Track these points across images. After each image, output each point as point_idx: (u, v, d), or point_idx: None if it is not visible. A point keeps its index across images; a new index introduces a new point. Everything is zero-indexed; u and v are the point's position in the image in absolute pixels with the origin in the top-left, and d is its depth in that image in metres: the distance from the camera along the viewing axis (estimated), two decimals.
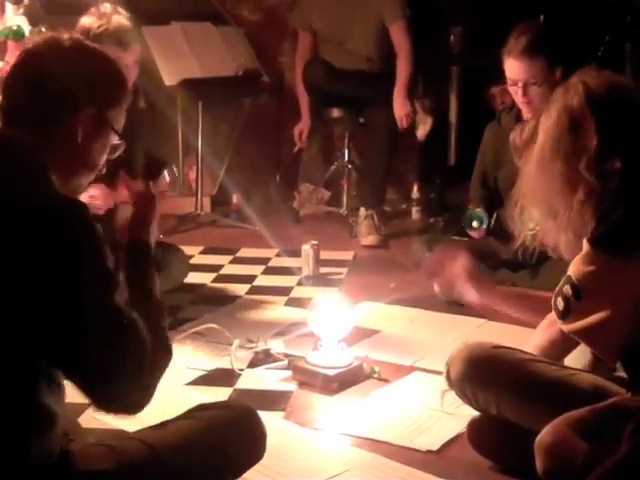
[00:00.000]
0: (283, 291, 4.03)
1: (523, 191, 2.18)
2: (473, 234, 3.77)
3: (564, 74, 3.59)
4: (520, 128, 2.31)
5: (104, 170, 1.90)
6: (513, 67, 3.58)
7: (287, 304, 3.85)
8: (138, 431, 1.90)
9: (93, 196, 3.28)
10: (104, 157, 1.86)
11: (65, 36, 1.84)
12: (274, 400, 2.82)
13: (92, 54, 1.85)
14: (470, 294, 2.51)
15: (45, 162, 1.72)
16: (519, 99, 3.61)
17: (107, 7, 3.51)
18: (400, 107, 5.03)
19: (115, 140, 1.86)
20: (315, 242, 4.20)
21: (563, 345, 2.29)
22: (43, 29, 4.14)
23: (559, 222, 2.05)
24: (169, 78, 5.17)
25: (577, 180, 2.01)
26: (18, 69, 1.82)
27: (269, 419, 2.21)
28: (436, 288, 3.88)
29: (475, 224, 3.70)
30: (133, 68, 3.43)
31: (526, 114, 3.65)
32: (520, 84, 3.55)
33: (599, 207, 1.97)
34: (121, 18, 3.48)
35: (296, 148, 5.66)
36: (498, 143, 3.85)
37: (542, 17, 4.07)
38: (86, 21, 3.44)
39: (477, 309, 2.71)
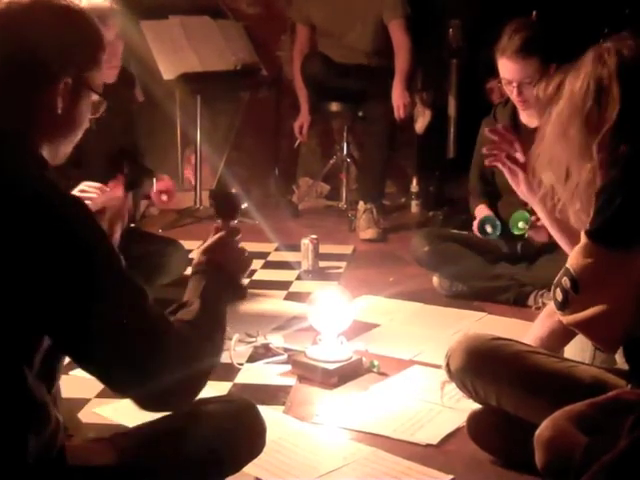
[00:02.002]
0: (282, 285, 4.03)
1: (537, 152, 2.15)
2: (486, 239, 3.75)
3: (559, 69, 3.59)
4: (545, 82, 2.26)
5: (89, 126, 1.85)
6: (507, 68, 3.55)
7: (286, 298, 3.85)
8: (138, 426, 1.89)
9: (83, 190, 3.27)
10: (87, 118, 1.77)
11: None
12: (274, 394, 2.81)
13: (64, 15, 1.71)
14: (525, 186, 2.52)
15: (31, 144, 1.66)
16: (514, 98, 3.60)
17: None
18: (398, 96, 5.02)
19: (96, 98, 1.78)
20: (314, 236, 4.20)
21: (562, 336, 2.30)
22: None
23: (569, 186, 2.03)
24: (167, 72, 5.17)
25: (590, 151, 1.98)
26: None
27: (269, 413, 2.22)
28: (435, 281, 3.89)
29: (488, 229, 3.68)
30: (117, 43, 3.36)
31: (522, 111, 3.65)
32: (514, 84, 3.54)
33: (599, 194, 1.96)
34: None
35: (297, 142, 5.66)
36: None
37: (535, 13, 4.04)
38: None
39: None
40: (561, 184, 2.07)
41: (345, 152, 5.52)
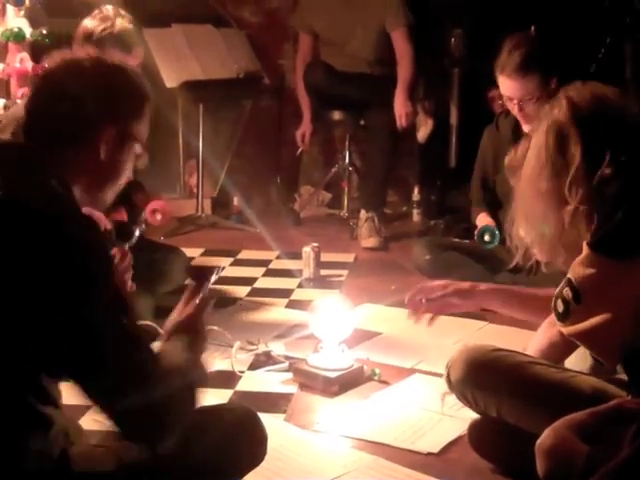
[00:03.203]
0: (284, 293, 4.03)
1: (516, 210, 2.20)
2: (485, 248, 3.75)
3: (561, 82, 3.60)
4: (514, 149, 2.33)
5: (131, 177, 1.92)
6: (507, 86, 3.55)
7: (288, 306, 3.85)
8: None
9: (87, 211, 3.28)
10: (129, 168, 1.88)
11: (84, 56, 1.85)
12: (275, 402, 2.82)
13: (110, 71, 1.85)
14: (462, 304, 2.55)
15: (68, 177, 1.74)
16: (516, 113, 3.60)
17: (110, 10, 3.48)
18: (401, 105, 5.03)
19: (140, 150, 1.88)
20: (316, 244, 4.20)
21: (564, 347, 2.29)
22: (44, 31, 4.14)
23: (551, 239, 2.07)
24: (170, 80, 5.17)
25: (564, 196, 2.03)
26: (38, 94, 1.83)
27: (270, 421, 2.22)
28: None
29: (487, 238, 3.69)
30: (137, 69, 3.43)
31: (525, 126, 3.64)
32: (515, 101, 3.54)
33: (594, 215, 1.98)
34: (125, 21, 3.46)
35: (299, 151, 5.67)
36: (496, 147, 3.85)
37: (533, 28, 4.04)
38: (89, 24, 3.42)
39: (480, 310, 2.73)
40: (539, 241, 2.12)
41: (347, 161, 5.53)
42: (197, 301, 2.02)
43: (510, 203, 3.84)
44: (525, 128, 3.66)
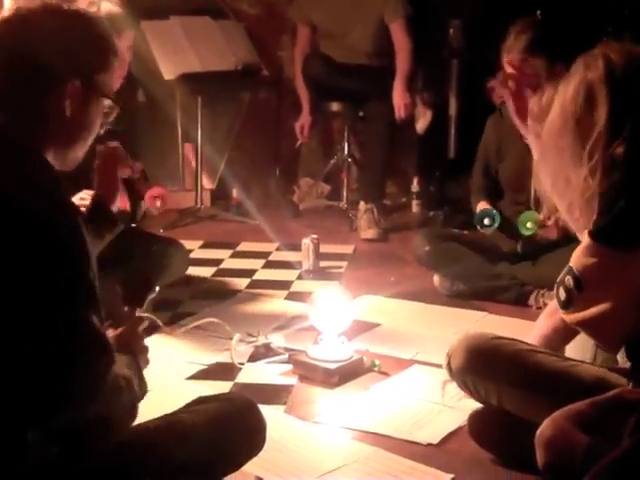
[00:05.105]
0: (283, 285, 4.03)
1: (538, 161, 2.17)
2: (484, 232, 3.75)
3: (564, 69, 3.59)
4: (539, 96, 2.29)
5: (102, 132, 1.86)
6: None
7: (287, 298, 3.86)
8: (138, 424, 1.90)
9: (83, 198, 3.28)
10: (98, 123, 1.79)
11: (38, 5, 1.73)
12: (275, 394, 2.82)
13: (71, 20, 1.74)
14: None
15: (38, 146, 1.68)
16: (510, 104, 3.58)
17: None
18: (399, 97, 5.03)
19: (108, 103, 1.80)
20: (315, 236, 4.20)
21: (564, 334, 2.30)
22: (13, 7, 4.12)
23: (566, 196, 2.04)
24: (168, 72, 5.16)
25: (583, 156, 1.99)
26: None
27: (270, 413, 2.22)
28: (436, 281, 3.89)
29: (487, 221, 3.69)
30: (126, 53, 3.41)
31: (518, 125, 3.63)
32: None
33: (601, 194, 1.96)
34: (111, 4, 3.44)
35: (299, 142, 5.66)
36: (500, 135, 3.85)
37: (539, 13, 4.04)
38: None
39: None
40: (558, 195, 2.09)
41: (346, 152, 5.52)
42: (129, 324, 2.01)
43: (513, 191, 3.86)
44: (518, 125, 3.61)
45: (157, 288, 2.56)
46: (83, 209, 3.24)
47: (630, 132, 1.96)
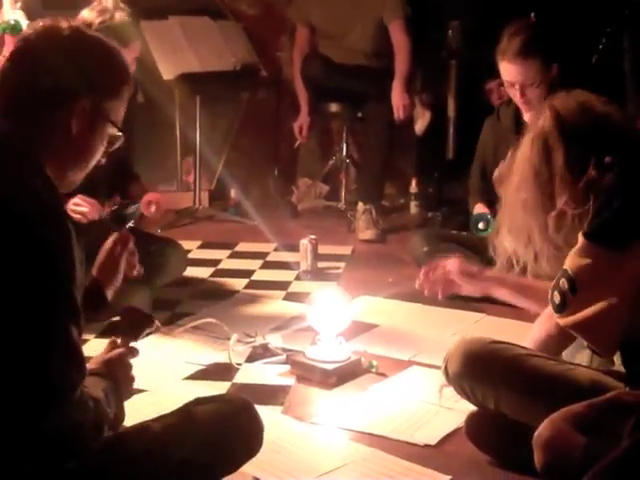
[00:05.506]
0: (281, 285, 4.03)
1: (501, 220, 2.22)
2: (479, 236, 3.75)
3: (561, 69, 3.60)
4: (503, 163, 2.36)
5: (103, 161, 1.88)
6: (508, 70, 3.57)
7: (285, 298, 3.85)
8: (135, 425, 1.90)
9: (77, 204, 3.28)
10: (101, 150, 1.82)
11: (64, 25, 1.79)
12: (272, 394, 2.81)
13: (91, 44, 1.80)
14: (466, 287, 2.58)
15: (39, 157, 1.70)
16: (517, 99, 3.60)
17: (109, 2, 3.49)
18: (398, 98, 5.03)
19: (113, 132, 1.83)
20: (313, 236, 4.20)
21: (561, 338, 2.30)
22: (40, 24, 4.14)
23: (536, 244, 2.09)
24: (167, 72, 5.16)
25: (548, 204, 2.06)
26: (13, 60, 1.78)
27: (267, 413, 2.22)
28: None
29: (481, 225, 3.69)
30: (132, 64, 3.43)
31: (525, 112, 3.65)
32: (517, 86, 3.55)
33: (587, 213, 1.99)
34: (123, 14, 3.46)
35: (297, 143, 5.66)
36: (497, 137, 3.85)
37: (533, 15, 4.05)
38: (87, 15, 3.42)
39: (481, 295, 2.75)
40: (525, 245, 2.15)
41: (344, 153, 5.51)
42: (120, 352, 2.04)
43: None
44: (526, 117, 3.65)
45: (158, 323, 2.56)
46: (77, 216, 3.25)
47: (599, 159, 2.02)
